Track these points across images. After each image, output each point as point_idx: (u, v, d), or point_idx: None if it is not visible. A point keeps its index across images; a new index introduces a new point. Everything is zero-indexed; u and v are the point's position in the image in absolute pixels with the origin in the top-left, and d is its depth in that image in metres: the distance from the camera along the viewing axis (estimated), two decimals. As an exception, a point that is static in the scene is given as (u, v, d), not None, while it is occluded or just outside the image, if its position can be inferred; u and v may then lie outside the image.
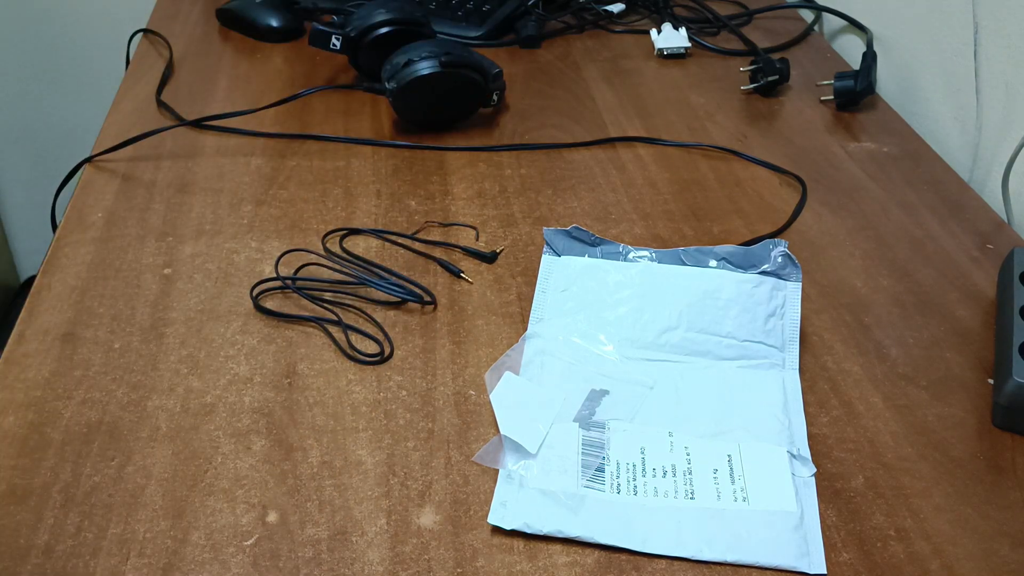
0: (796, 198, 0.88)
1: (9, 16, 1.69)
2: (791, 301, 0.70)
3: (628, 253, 0.73)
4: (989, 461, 0.62)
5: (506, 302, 0.74)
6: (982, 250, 0.82)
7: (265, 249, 0.78)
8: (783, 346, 0.69)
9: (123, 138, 0.91)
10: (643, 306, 0.69)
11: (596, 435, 0.61)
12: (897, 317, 0.74)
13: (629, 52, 1.17)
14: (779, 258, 0.70)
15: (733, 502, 0.58)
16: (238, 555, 0.54)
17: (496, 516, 0.57)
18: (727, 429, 0.63)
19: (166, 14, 1.21)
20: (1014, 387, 0.63)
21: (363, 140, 0.94)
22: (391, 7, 1.01)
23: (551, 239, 0.74)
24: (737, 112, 1.03)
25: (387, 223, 0.82)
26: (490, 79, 0.96)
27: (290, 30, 1.15)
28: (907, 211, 0.87)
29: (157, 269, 0.76)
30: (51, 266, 0.75)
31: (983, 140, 0.95)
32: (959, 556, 0.56)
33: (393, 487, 0.59)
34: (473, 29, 1.17)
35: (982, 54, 0.95)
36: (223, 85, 1.05)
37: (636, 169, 0.92)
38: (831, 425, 0.65)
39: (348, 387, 0.66)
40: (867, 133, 1.00)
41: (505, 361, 0.67)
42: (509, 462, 0.59)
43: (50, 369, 0.66)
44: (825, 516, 0.58)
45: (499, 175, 0.90)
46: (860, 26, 1.16)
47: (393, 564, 0.54)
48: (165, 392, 0.64)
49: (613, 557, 0.55)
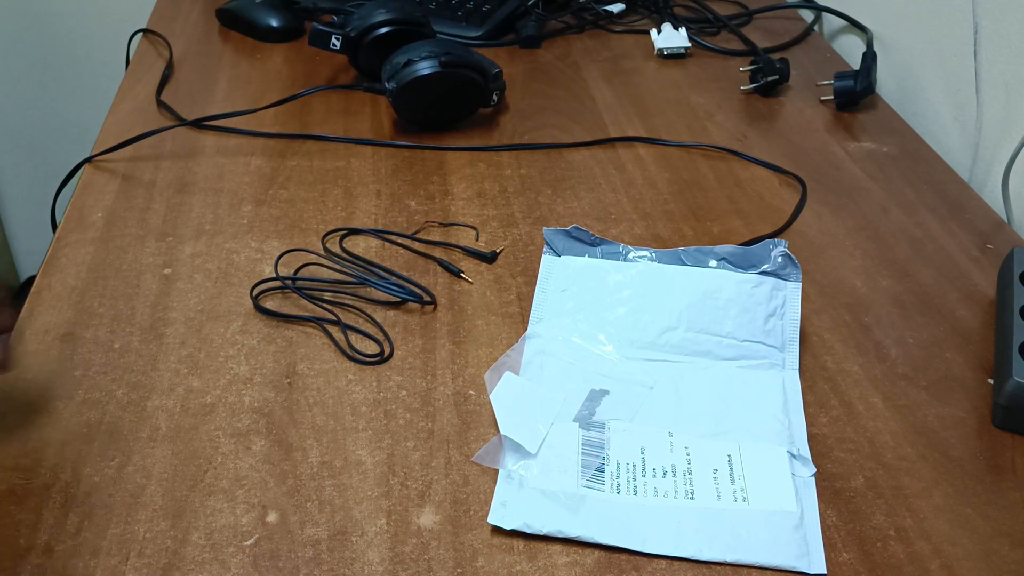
0: (796, 198, 0.88)
1: (9, 16, 1.69)
2: (791, 301, 0.70)
3: (628, 253, 0.73)
4: (989, 461, 0.62)
5: (506, 302, 0.74)
6: (982, 250, 0.82)
7: (265, 249, 0.78)
8: (783, 346, 0.69)
9: (123, 138, 0.91)
10: (643, 306, 0.69)
11: (596, 435, 0.61)
12: (897, 317, 0.74)
13: (629, 52, 1.17)
14: (779, 258, 0.70)
15: (733, 502, 0.58)
16: (238, 555, 0.54)
17: (496, 516, 0.57)
18: (727, 429, 0.63)
19: (166, 14, 1.21)
20: (1014, 387, 0.63)
21: (363, 140, 0.94)
22: (391, 7, 1.01)
23: (551, 239, 0.74)
24: (737, 112, 1.03)
25: (387, 223, 0.82)
26: (490, 79, 0.96)
27: (290, 30, 1.15)
28: (907, 211, 0.87)
29: (157, 269, 0.76)
30: (51, 266, 0.75)
31: (983, 140, 0.95)
32: (959, 556, 0.56)
33: (393, 487, 0.58)
34: (473, 29, 1.17)
35: (982, 54, 0.95)
36: (223, 85, 1.05)
37: (636, 169, 0.92)
38: (831, 425, 0.65)
39: (348, 387, 0.66)
40: (867, 133, 1.00)
41: (505, 361, 0.67)
42: (509, 462, 0.59)
43: (50, 369, 0.66)
44: (825, 516, 0.58)
45: (499, 175, 0.90)
46: (860, 26, 1.16)
47: (393, 564, 0.54)
48: (165, 392, 0.64)
49: (613, 557, 0.55)
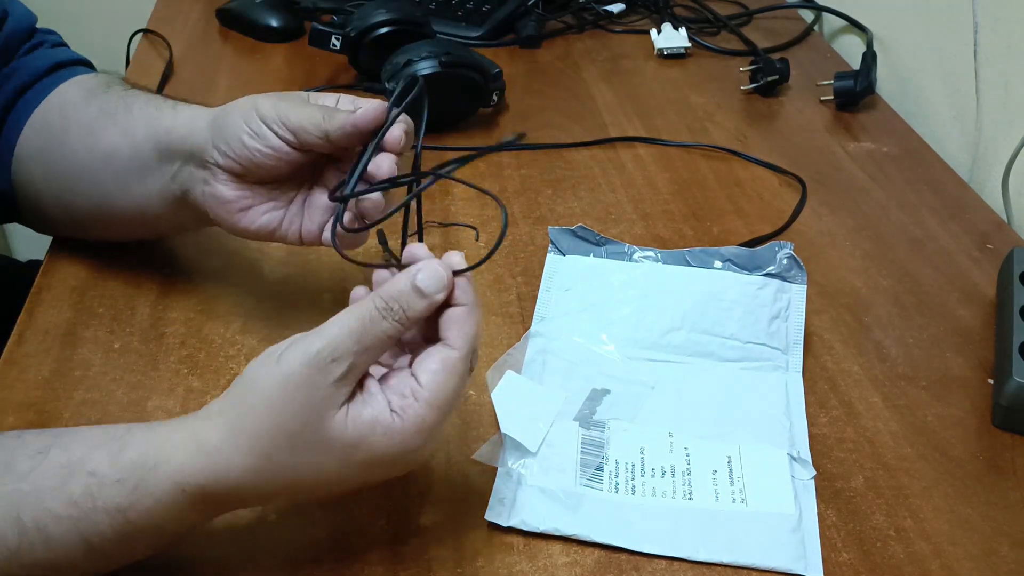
0: (796, 198, 0.88)
1: (9, 16, 1.69)
2: (795, 304, 0.70)
3: (633, 253, 0.73)
4: (989, 461, 0.62)
5: (506, 302, 0.74)
6: (982, 250, 0.82)
7: (265, 249, 0.78)
8: (787, 348, 0.68)
9: (123, 138, 0.91)
10: (647, 306, 0.69)
11: (596, 434, 0.61)
12: (897, 317, 0.74)
13: (629, 52, 1.17)
14: (784, 260, 0.70)
15: (731, 503, 0.58)
16: (239, 555, 0.54)
17: (493, 513, 0.56)
18: (728, 431, 0.63)
19: (166, 14, 1.21)
20: (1014, 387, 0.63)
21: (363, 140, 0.94)
22: (391, 7, 1.01)
23: (556, 238, 0.74)
24: (737, 112, 1.03)
25: (387, 223, 0.82)
26: (490, 79, 0.96)
27: (290, 30, 1.15)
28: (907, 211, 0.87)
29: (157, 269, 0.75)
30: (51, 266, 0.75)
31: (983, 140, 0.95)
32: (959, 556, 0.56)
33: (393, 487, 0.58)
34: (473, 29, 1.17)
35: (982, 54, 0.94)
36: (223, 85, 1.05)
37: (636, 169, 0.92)
38: (831, 425, 0.65)
39: (348, 387, 0.66)
40: (867, 133, 1.00)
41: (507, 359, 0.67)
42: (509, 460, 0.59)
43: (50, 369, 0.66)
44: (825, 516, 0.58)
45: (499, 175, 0.90)
46: (860, 26, 1.16)
47: (393, 564, 0.54)
48: (165, 392, 0.64)
49: (613, 557, 0.55)
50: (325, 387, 0.46)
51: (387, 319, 0.47)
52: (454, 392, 0.49)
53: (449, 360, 0.48)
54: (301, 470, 0.47)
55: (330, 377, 0.46)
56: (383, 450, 0.47)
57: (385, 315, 0.47)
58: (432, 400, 0.48)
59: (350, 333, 0.46)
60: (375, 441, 0.47)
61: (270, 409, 0.46)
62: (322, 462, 0.47)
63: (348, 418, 0.46)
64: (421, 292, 0.48)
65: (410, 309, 0.48)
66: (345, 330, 0.46)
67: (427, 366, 0.48)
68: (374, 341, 0.47)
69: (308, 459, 0.47)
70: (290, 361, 0.46)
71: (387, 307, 0.47)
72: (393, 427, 0.47)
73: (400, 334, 0.48)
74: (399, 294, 0.48)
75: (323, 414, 0.46)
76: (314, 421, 0.46)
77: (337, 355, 0.46)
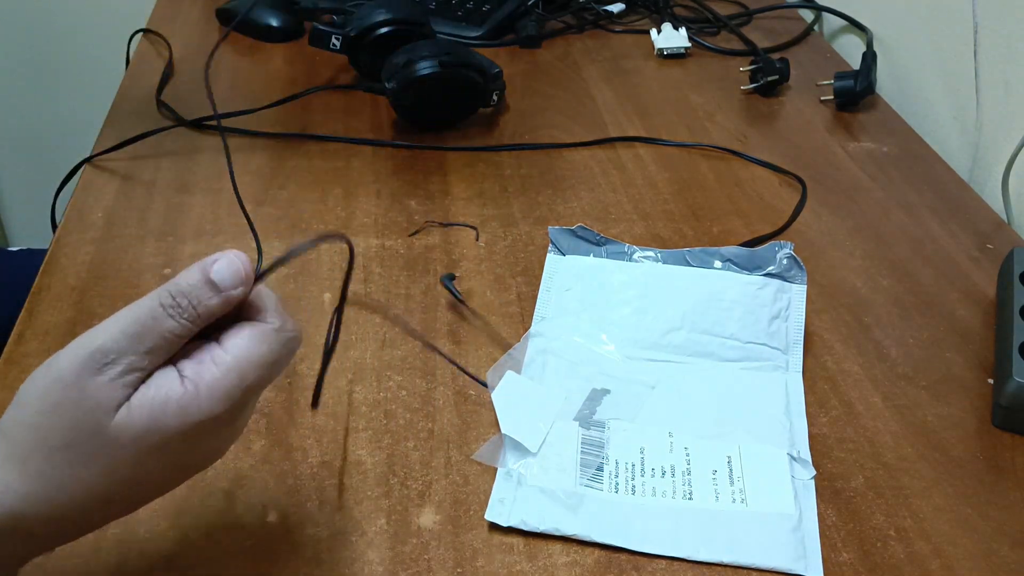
0: (796, 198, 0.88)
1: (9, 16, 1.69)
2: (796, 304, 0.70)
3: (633, 253, 0.73)
4: (989, 461, 0.62)
5: (506, 302, 0.74)
6: (982, 250, 0.82)
7: (265, 249, 0.78)
8: (787, 348, 0.68)
9: (123, 138, 0.91)
10: (647, 306, 0.69)
11: (596, 434, 0.61)
12: (897, 317, 0.74)
13: (629, 52, 1.17)
14: (784, 260, 0.70)
15: (731, 503, 0.58)
16: (238, 555, 0.54)
17: (493, 512, 0.57)
18: (728, 431, 0.63)
19: (166, 14, 1.21)
20: (1014, 387, 0.63)
21: (363, 140, 0.94)
22: (391, 7, 1.01)
23: (556, 238, 0.74)
24: (737, 112, 1.03)
25: (387, 223, 0.82)
26: (490, 79, 0.96)
27: (290, 30, 1.15)
28: (907, 211, 0.87)
29: (157, 269, 0.75)
30: (51, 266, 0.75)
31: (983, 140, 0.95)
32: (959, 556, 0.56)
33: (393, 487, 0.58)
34: (473, 29, 1.17)
35: (982, 54, 0.95)
36: (223, 85, 1.05)
37: (636, 169, 0.92)
38: (831, 425, 0.65)
39: (348, 387, 0.66)
40: (867, 133, 1.00)
41: (507, 360, 0.67)
42: (509, 460, 0.59)
43: (50, 369, 0.66)
44: (825, 516, 0.58)
45: (499, 175, 0.90)
46: (860, 26, 1.16)
47: (393, 564, 0.54)
48: (165, 392, 0.64)
49: (613, 557, 0.55)
50: (98, 388, 0.40)
51: (174, 317, 0.41)
52: (264, 361, 0.42)
53: (261, 328, 0.43)
54: (94, 482, 0.40)
55: (104, 378, 0.40)
56: (182, 426, 0.41)
57: (172, 312, 0.41)
58: (235, 365, 0.42)
59: (129, 333, 0.41)
60: (169, 421, 0.40)
61: (38, 423, 0.40)
62: (116, 467, 0.41)
63: (132, 409, 0.40)
64: (215, 286, 0.42)
65: (201, 305, 0.42)
66: (124, 329, 0.41)
67: (235, 332, 0.43)
68: (159, 341, 0.41)
69: (96, 469, 0.40)
70: (60, 361, 0.40)
71: (174, 303, 0.41)
72: (186, 397, 0.41)
73: (190, 333, 0.42)
74: (189, 288, 0.42)
75: (100, 417, 0.40)
76: (89, 426, 0.40)
77: (112, 357, 0.40)
